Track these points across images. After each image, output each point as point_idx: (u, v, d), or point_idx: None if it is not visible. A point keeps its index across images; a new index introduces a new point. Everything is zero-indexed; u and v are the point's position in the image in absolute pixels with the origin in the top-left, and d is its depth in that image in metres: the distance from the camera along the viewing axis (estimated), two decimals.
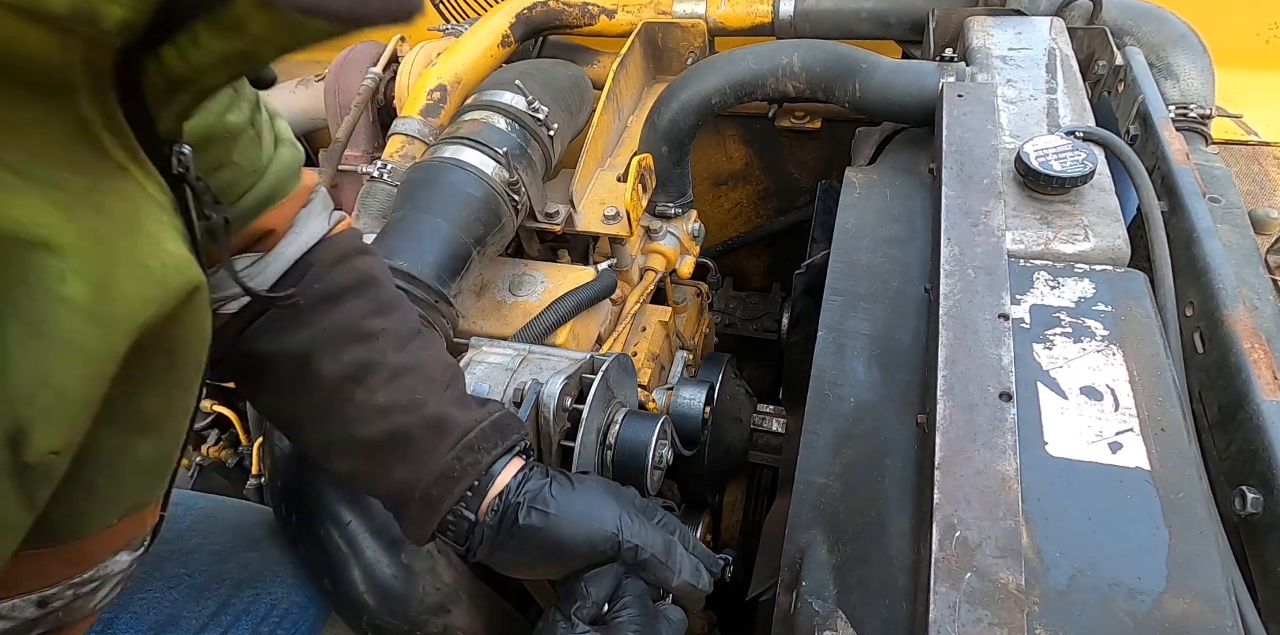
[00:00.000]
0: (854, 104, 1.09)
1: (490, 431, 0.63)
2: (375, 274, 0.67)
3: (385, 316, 0.65)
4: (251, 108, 0.58)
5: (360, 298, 0.64)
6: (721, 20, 1.42)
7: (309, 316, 0.61)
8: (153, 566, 0.73)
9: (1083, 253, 0.79)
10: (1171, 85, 1.13)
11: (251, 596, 0.75)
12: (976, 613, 0.52)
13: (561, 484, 0.64)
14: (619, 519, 0.62)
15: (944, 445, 0.61)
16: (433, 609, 0.77)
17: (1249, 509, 0.62)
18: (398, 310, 0.67)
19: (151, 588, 0.71)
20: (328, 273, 0.63)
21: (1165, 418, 0.64)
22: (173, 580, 0.73)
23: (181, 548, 0.76)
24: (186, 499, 0.84)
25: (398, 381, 0.62)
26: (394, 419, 0.60)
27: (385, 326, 0.64)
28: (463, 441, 0.62)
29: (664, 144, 1.18)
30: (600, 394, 0.83)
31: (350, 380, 0.61)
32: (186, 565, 0.74)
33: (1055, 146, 0.84)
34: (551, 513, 0.61)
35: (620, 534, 0.62)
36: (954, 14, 1.19)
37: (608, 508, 0.63)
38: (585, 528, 0.61)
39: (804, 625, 0.60)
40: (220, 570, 0.75)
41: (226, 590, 0.74)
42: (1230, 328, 0.70)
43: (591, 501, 0.63)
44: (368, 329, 0.63)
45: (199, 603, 0.72)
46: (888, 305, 0.83)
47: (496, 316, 1.07)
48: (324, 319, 0.62)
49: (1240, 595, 0.57)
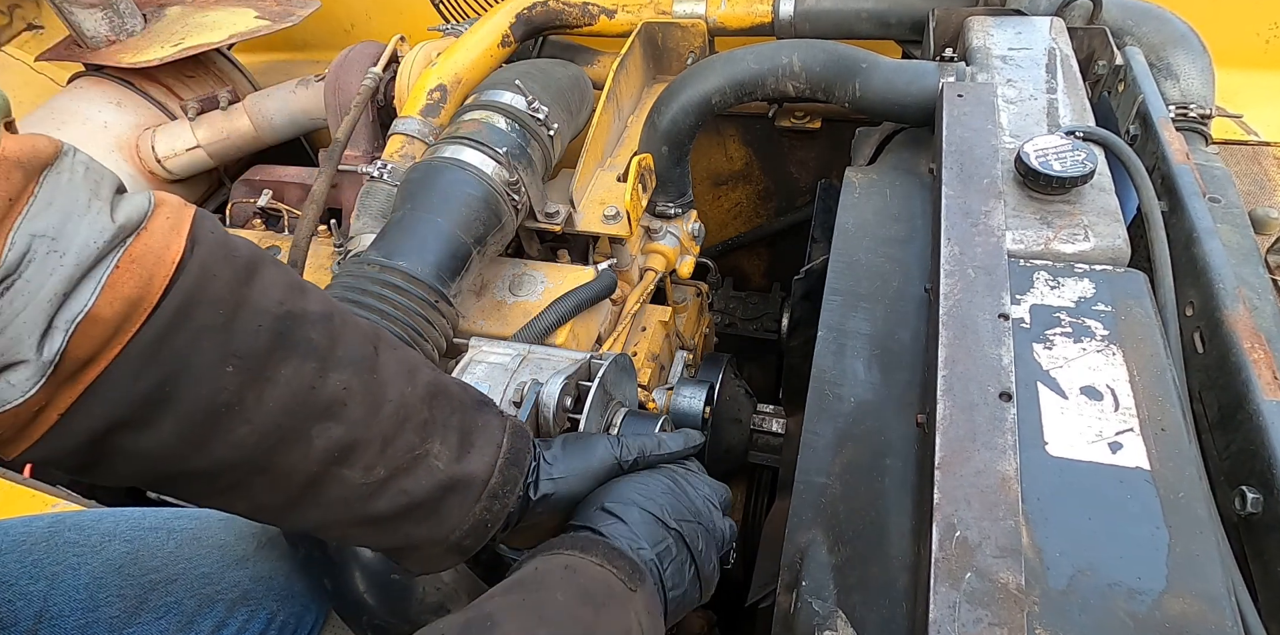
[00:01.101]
0: (854, 104, 1.09)
1: (509, 470, 0.59)
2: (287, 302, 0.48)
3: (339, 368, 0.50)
4: None
5: (290, 355, 0.48)
6: (721, 20, 1.42)
7: (231, 412, 0.46)
8: (139, 600, 0.70)
9: (1083, 253, 0.79)
10: (1171, 85, 1.13)
11: (247, 614, 0.74)
12: (976, 613, 0.52)
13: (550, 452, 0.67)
14: (609, 450, 0.69)
15: (944, 445, 0.61)
16: (433, 609, 0.77)
17: (1249, 509, 0.62)
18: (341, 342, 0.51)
19: (140, 621, 0.69)
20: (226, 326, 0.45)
21: (1165, 418, 0.64)
22: (160, 610, 0.70)
23: (168, 576, 0.73)
24: (169, 521, 0.77)
25: (390, 448, 0.53)
26: (402, 488, 0.53)
27: (345, 383, 0.50)
28: (486, 492, 0.58)
29: (664, 144, 1.18)
30: (599, 396, 0.83)
31: (334, 464, 0.50)
32: (173, 592, 0.72)
33: (1055, 146, 0.84)
34: (556, 478, 0.65)
35: (619, 457, 0.69)
36: (954, 14, 1.19)
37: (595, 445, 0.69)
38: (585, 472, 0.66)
39: (804, 625, 0.60)
40: (211, 593, 0.73)
41: (220, 611, 0.73)
42: (1230, 328, 0.70)
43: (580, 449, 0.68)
44: (324, 398, 0.49)
45: (192, 629, 0.71)
46: (888, 305, 0.83)
47: (496, 316, 1.07)
48: (259, 404, 0.46)
49: (1240, 595, 0.57)
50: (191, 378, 0.44)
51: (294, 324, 0.48)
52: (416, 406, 0.55)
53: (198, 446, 0.46)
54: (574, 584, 0.54)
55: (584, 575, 0.55)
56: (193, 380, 0.44)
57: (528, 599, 0.51)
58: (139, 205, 0.44)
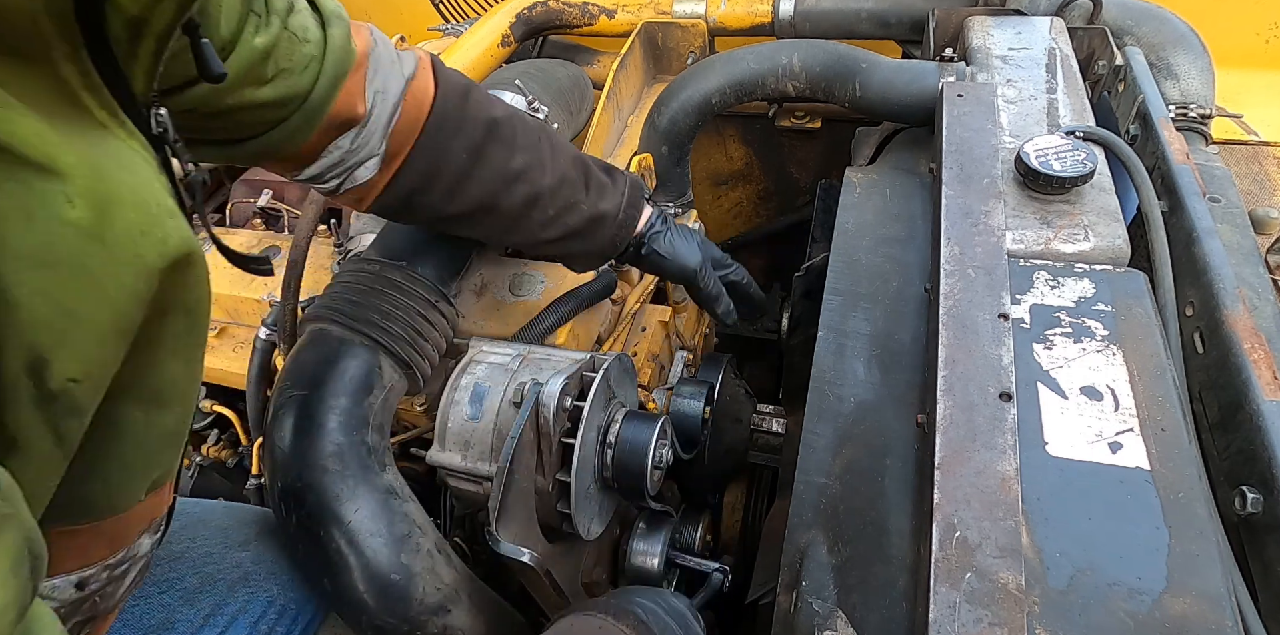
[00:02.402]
0: (854, 104, 1.09)
1: (629, 210, 0.89)
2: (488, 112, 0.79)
3: (521, 150, 0.80)
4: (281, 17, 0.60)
5: (495, 143, 0.78)
6: (721, 20, 1.42)
7: (469, 179, 0.77)
8: None
9: (1083, 253, 0.79)
10: (1171, 85, 1.13)
11: (247, 595, 0.75)
12: (976, 613, 0.52)
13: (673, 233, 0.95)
14: (699, 264, 0.96)
15: (944, 445, 0.61)
16: (433, 609, 0.77)
17: (1249, 509, 0.62)
18: (520, 133, 0.80)
19: (144, 594, 0.71)
20: (458, 130, 0.76)
21: (1165, 418, 0.64)
22: (164, 584, 0.72)
23: (170, 553, 0.75)
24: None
25: (557, 196, 0.83)
26: (565, 222, 0.84)
27: (526, 160, 0.80)
28: (615, 222, 0.88)
29: (664, 144, 1.18)
30: (601, 393, 0.83)
31: (526, 208, 0.81)
32: (176, 569, 0.74)
33: (1055, 146, 0.84)
34: (662, 252, 0.93)
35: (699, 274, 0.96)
36: (954, 14, 1.19)
37: (694, 255, 0.96)
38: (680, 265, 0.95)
39: (804, 625, 0.60)
40: (213, 571, 0.75)
41: (221, 590, 0.74)
42: (1230, 328, 0.70)
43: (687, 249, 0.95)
44: (516, 168, 0.79)
45: (194, 605, 0.72)
46: (888, 305, 0.83)
47: (496, 316, 1.07)
48: (481, 174, 0.78)
49: (1240, 595, 0.57)
50: (446, 160, 0.76)
51: (492, 126, 0.78)
52: (569, 171, 0.84)
53: (453, 200, 0.78)
54: None
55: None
56: (447, 162, 0.76)
57: None
58: (410, 61, 0.74)
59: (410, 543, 0.77)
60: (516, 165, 0.79)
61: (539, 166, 0.80)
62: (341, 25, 0.66)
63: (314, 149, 0.68)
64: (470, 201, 0.78)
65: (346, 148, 0.70)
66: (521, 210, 0.81)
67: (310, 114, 0.64)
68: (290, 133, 0.64)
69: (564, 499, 0.81)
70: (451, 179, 0.76)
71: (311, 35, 0.62)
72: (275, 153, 0.66)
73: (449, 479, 0.90)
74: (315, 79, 0.63)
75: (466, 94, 0.77)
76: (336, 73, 0.64)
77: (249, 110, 0.60)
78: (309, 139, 0.66)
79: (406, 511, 0.79)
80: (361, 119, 0.69)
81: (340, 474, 0.76)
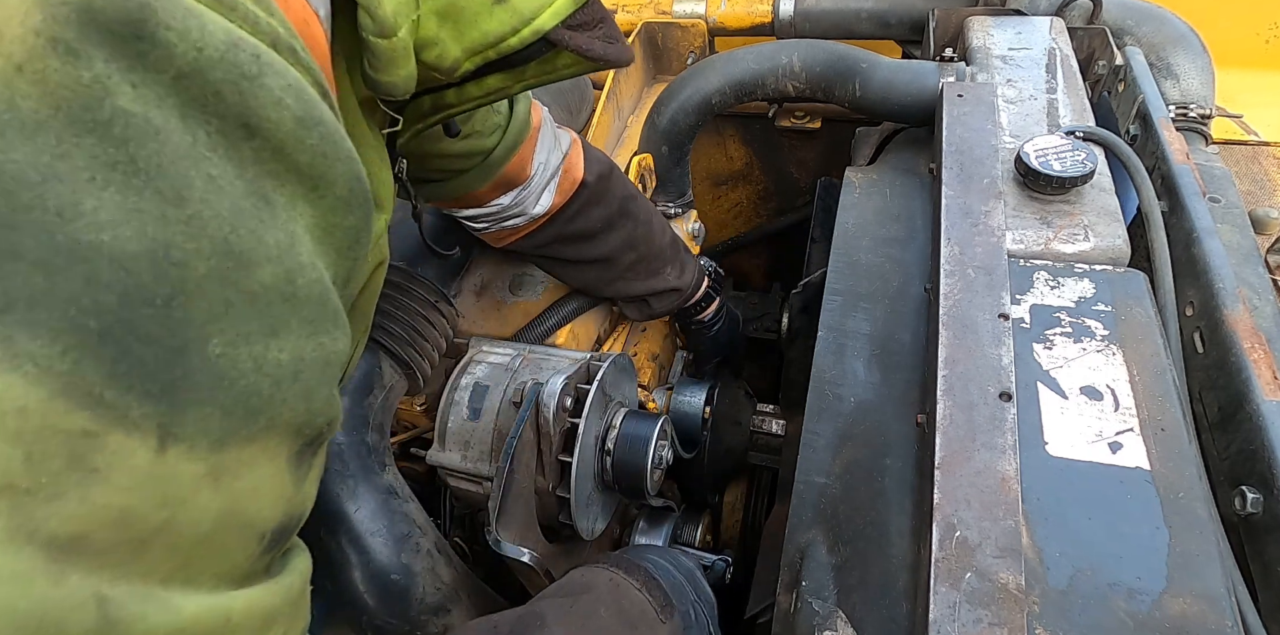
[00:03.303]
0: (854, 104, 1.09)
1: (694, 291, 1.09)
2: (624, 189, 0.95)
3: (642, 224, 0.97)
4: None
5: (625, 217, 0.94)
6: (721, 20, 1.42)
7: (596, 241, 0.94)
8: None
9: (1083, 253, 0.79)
10: (1171, 85, 1.13)
11: None
12: (976, 613, 0.52)
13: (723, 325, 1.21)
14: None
15: (944, 445, 0.61)
16: (433, 609, 0.77)
17: (1249, 509, 0.62)
18: (642, 210, 0.97)
19: None
20: (599, 202, 0.91)
21: (1165, 418, 0.64)
22: None
23: None
24: None
25: (650, 264, 1.01)
26: (650, 284, 1.02)
27: (644, 231, 0.98)
28: (684, 297, 1.08)
29: (664, 144, 1.18)
30: (597, 401, 0.83)
31: (629, 269, 0.99)
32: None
33: (1055, 146, 0.84)
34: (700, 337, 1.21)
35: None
36: (954, 14, 1.19)
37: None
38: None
39: (804, 625, 0.60)
40: None
41: None
42: (1230, 328, 0.70)
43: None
44: (636, 237, 0.97)
45: None
46: (888, 305, 0.83)
47: (496, 316, 1.07)
48: (608, 238, 0.94)
49: (1240, 595, 0.57)
50: (583, 225, 0.91)
51: (627, 201, 0.95)
52: (664, 246, 1.02)
53: (579, 254, 0.94)
54: (615, 601, 0.65)
55: (625, 595, 0.65)
56: (584, 226, 0.91)
57: (575, 605, 0.62)
58: (566, 139, 0.87)
59: (410, 543, 0.77)
60: (637, 234, 0.96)
61: (648, 238, 0.98)
62: (526, 101, 0.78)
63: (481, 199, 0.82)
64: (591, 255, 0.95)
65: (507, 203, 0.83)
66: (625, 271, 0.99)
67: (487, 169, 0.76)
68: (468, 182, 0.77)
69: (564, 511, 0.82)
70: (583, 240, 0.93)
71: (501, 107, 0.75)
72: (449, 195, 0.79)
73: (449, 479, 0.90)
74: (498, 142, 0.75)
75: (610, 173, 0.92)
76: (516, 140, 0.77)
77: (442, 158, 0.73)
78: (480, 189, 0.79)
79: (406, 511, 0.79)
80: (525, 181, 0.82)
81: (340, 474, 0.76)
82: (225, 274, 0.28)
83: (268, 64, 0.28)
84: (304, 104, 0.30)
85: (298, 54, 0.31)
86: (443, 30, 0.46)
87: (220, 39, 0.27)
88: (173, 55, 0.25)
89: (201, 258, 0.27)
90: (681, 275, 1.05)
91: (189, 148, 0.27)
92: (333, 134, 0.32)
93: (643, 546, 0.82)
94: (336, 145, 0.32)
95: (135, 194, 0.25)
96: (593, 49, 0.51)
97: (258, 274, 0.29)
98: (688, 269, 1.07)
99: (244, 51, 0.28)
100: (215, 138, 0.28)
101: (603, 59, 0.52)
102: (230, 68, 0.27)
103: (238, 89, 0.27)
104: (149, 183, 0.25)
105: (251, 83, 0.28)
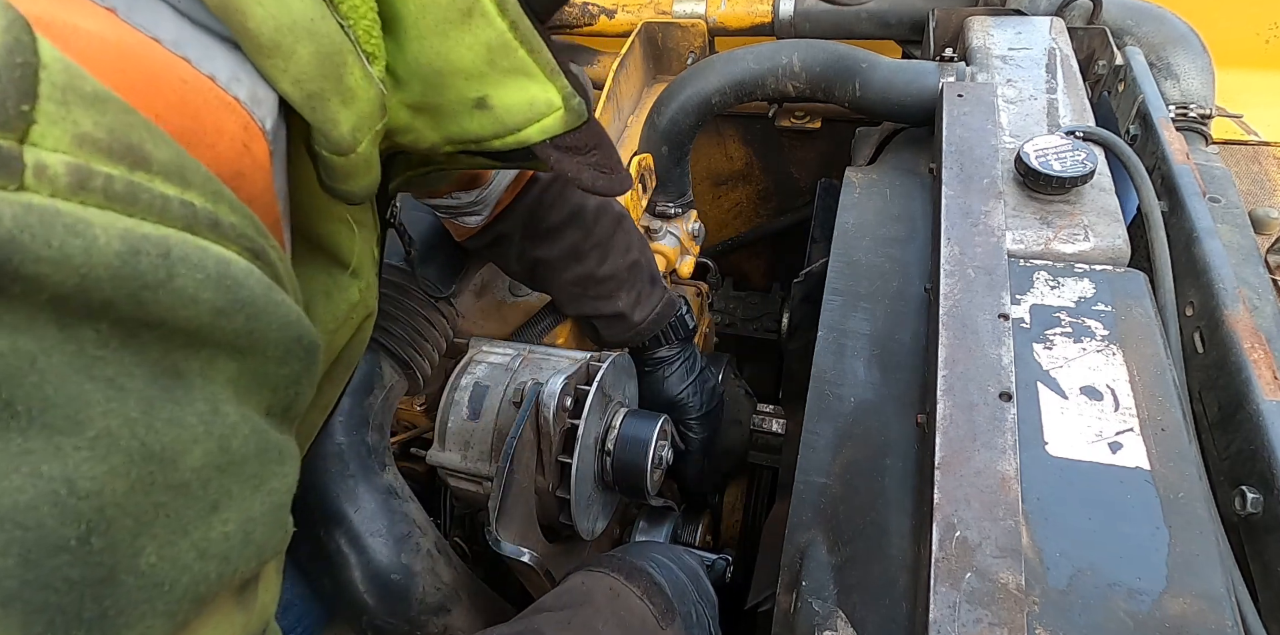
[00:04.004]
0: (854, 104, 1.09)
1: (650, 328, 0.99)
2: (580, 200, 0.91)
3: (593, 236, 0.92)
4: None
5: (573, 227, 0.91)
6: (721, 20, 1.42)
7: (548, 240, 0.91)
8: None
9: (1083, 253, 0.79)
10: (1171, 85, 1.13)
11: None
12: (976, 613, 0.52)
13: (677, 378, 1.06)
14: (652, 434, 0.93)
15: (944, 445, 0.61)
16: (433, 609, 0.77)
17: (1249, 509, 0.62)
18: (599, 225, 0.92)
19: None
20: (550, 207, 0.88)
21: (1165, 418, 0.64)
22: None
23: None
24: None
25: (601, 286, 0.94)
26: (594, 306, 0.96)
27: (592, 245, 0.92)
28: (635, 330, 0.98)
29: (664, 144, 1.18)
30: (597, 401, 0.83)
31: (576, 285, 0.94)
32: None
33: (1055, 146, 0.84)
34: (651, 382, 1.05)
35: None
36: (954, 14, 1.19)
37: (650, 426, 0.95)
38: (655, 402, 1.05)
39: (804, 625, 0.60)
40: None
41: None
42: (1230, 328, 0.70)
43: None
44: (581, 250, 0.92)
45: None
46: (888, 305, 0.83)
47: (496, 316, 1.07)
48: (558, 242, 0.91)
49: (1240, 595, 0.57)
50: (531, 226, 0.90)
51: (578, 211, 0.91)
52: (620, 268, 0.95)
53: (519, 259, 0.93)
54: (615, 613, 0.63)
55: (625, 605, 0.64)
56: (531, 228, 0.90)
57: (574, 619, 0.61)
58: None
59: (410, 543, 0.77)
60: (583, 247, 0.92)
61: (601, 254, 0.93)
62: None
63: (441, 193, 0.83)
64: (531, 264, 0.93)
65: (467, 200, 0.83)
66: (569, 286, 0.95)
67: (446, 175, 0.76)
68: (432, 180, 0.76)
69: (564, 511, 0.82)
70: (527, 243, 0.91)
71: None
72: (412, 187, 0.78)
73: (449, 479, 0.90)
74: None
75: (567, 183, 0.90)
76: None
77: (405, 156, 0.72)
78: (440, 187, 0.80)
79: (406, 511, 0.79)
80: (485, 183, 0.82)
81: (340, 474, 0.76)
82: (148, 479, 0.24)
83: (179, 260, 0.25)
84: (225, 291, 0.26)
85: (220, 226, 0.27)
86: (418, 120, 0.44)
87: (114, 251, 0.23)
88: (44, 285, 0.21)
89: (117, 475, 0.23)
90: (636, 306, 0.97)
91: (74, 357, 0.23)
92: (262, 312, 0.28)
93: (647, 544, 0.80)
94: (267, 321, 0.29)
95: (19, 436, 0.21)
96: (581, 179, 0.49)
97: (185, 461, 0.26)
98: (647, 302, 0.98)
99: (147, 256, 0.23)
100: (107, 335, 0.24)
101: (592, 190, 0.50)
102: (126, 281, 0.23)
103: (136, 300, 0.24)
104: (34, 420, 0.22)
105: (155, 291, 0.24)
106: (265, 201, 0.35)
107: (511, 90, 0.43)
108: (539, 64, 0.43)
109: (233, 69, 0.32)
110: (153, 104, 0.28)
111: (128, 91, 0.26)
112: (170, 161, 0.26)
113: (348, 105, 0.37)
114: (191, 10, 0.31)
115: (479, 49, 0.40)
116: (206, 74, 0.31)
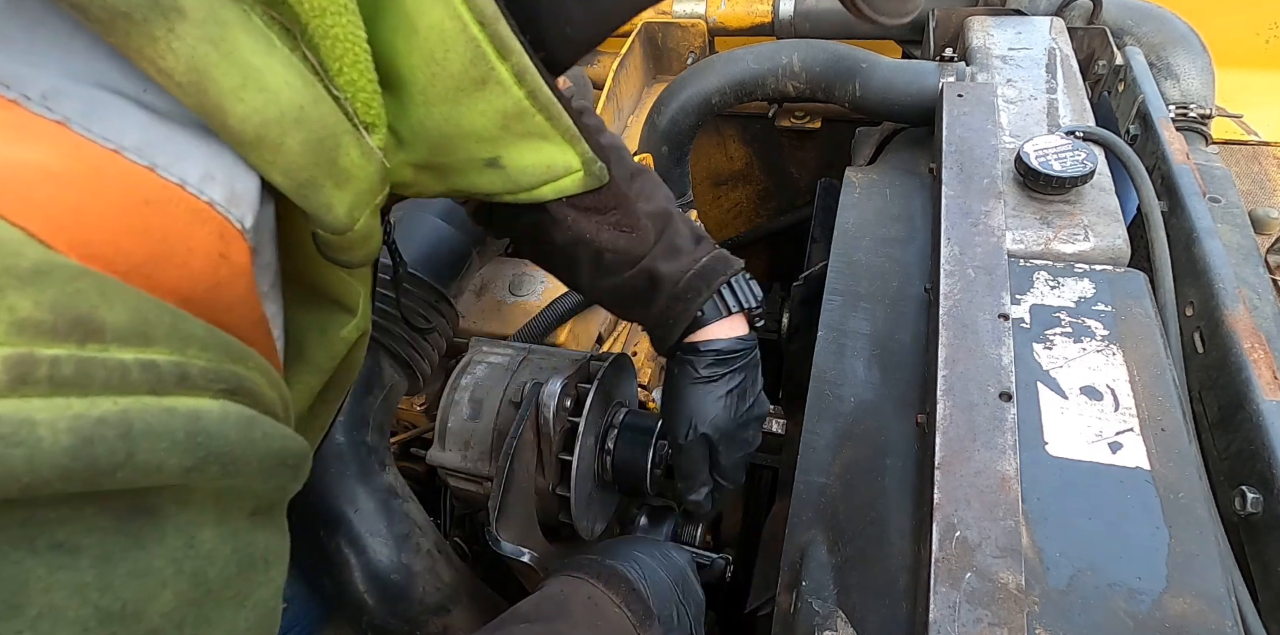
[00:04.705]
0: (854, 104, 1.09)
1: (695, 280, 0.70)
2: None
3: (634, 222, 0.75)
4: None
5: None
6: (721, 20, 1.42)
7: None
8: None
9: (1083, 253, 0.79)
10: (1171, 85, 1.13)
11: None
12: (976, 613, 0.52)
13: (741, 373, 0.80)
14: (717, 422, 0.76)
15: (944, 445, 0.61)
16: (433, 609, 0.77)
17: (1249, 509, 0.62)
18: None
19: None
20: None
21: (1165, 418, 0.64)
22: None
23: None
24: None
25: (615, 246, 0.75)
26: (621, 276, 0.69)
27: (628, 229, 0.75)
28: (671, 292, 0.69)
29: (664, 144, 1.18)
30: (597, 401, 0.83)
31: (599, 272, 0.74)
32: None
33: (1055, 146, 0.84)
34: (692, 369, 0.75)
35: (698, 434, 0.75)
36: (954, 14, 1.19)
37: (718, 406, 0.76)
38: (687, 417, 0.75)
39: (804, 625, 0.60)
40: None
41: None
42: (1230, 328, 0.70)
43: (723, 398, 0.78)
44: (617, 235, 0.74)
45: None
46: (888, 305, 0.83)
47: (496, 316, 1.07)
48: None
49: (1240, 595, 0.57)
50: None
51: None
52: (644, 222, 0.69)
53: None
54: (592, 624, 0.61)
55: (602, 615, 0.62)
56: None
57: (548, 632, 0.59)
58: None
59: (410, 543, 0.77)
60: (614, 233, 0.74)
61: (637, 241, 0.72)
62: None
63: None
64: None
65: None
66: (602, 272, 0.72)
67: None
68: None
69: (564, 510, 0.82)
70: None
71: None
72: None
73: (449, 479, 0.90)
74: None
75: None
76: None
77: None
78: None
79: (406, 511, 0.79)
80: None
81: (340, 474, 0.76)
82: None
83: (141, 434, 0.23)
84: (195, 450, 0.25)
85: (188, 379, 0.25)
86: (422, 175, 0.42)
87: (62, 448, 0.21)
88: None
89: None
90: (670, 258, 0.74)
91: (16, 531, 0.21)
92: (240, 457, 0.27)
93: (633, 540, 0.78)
94: (245, 460, 0.27)
95: None
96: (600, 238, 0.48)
97: (153, 608, 0.24)
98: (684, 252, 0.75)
99: (103, 442, 0.22)
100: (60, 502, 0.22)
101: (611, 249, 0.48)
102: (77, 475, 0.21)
103: (93, 484, 0.22)
104: None
105: (113, 473, 0.22)
106: (247, 305, 0.33)
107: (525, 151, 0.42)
108: (557, 129, 0.41)
109: (206, 166, 0.29)
110: (113, 237, 0.25)
111: (83, 230, 0.24)
112: (127, 322, 0.23)
113: (342, 187, 0.35)
114: (160, 103, 0.28)
115: (492, 115, 0.39)
116: (176, 180, 0.28)
